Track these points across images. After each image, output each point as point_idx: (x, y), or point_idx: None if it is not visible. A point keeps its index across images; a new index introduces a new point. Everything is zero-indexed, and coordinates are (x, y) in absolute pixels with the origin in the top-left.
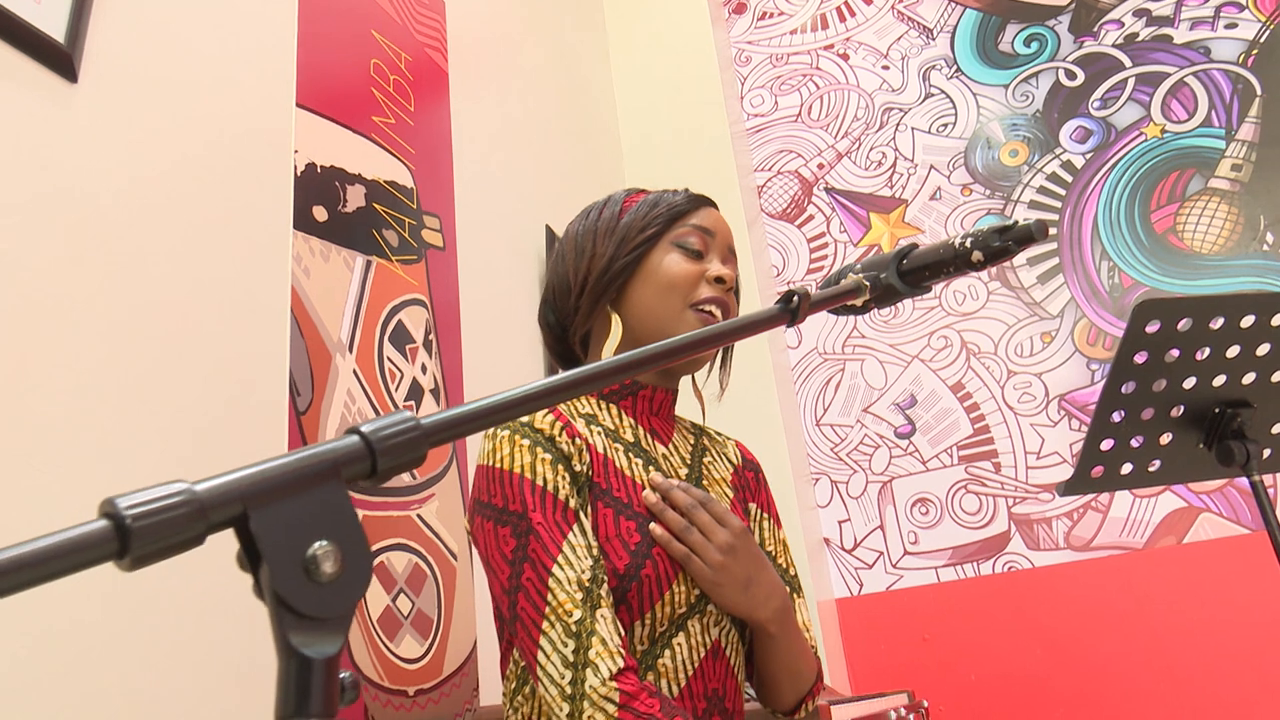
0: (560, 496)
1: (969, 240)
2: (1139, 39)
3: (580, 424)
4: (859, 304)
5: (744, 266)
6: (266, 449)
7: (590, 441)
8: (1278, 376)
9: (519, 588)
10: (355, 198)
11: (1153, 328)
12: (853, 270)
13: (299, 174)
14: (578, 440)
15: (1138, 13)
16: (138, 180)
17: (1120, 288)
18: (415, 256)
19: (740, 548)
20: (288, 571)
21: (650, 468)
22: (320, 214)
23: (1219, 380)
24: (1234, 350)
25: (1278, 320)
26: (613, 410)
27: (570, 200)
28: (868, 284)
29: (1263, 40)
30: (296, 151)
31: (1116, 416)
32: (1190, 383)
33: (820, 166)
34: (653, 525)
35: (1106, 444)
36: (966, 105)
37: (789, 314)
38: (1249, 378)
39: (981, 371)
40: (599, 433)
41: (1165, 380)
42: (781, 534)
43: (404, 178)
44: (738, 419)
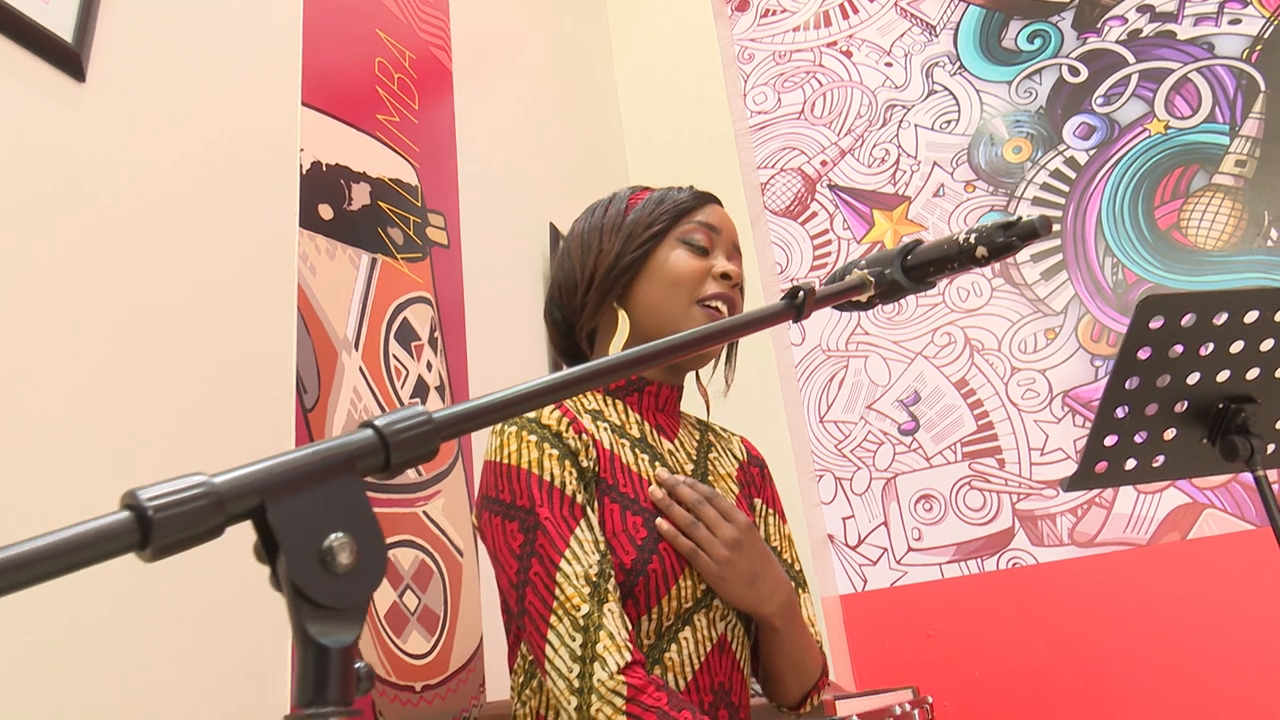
0: (567, 492)
1: (973, 236)
2: (1142, 35)
3: (587, 420)
4: (864, 300)
5: (747, 264)
6: (273, 446)
7: (597, 437)
8: None
9: (527, 582)
10: (360, 196)
11: (1156, 323)
12: (857, 266)
13: (304, 172)
14: (584, 436)
15: (1141, 8)
16: (145, 178)
17: (1124, 284)
18: (420, 254)
19: (746, 543)
20: (305, 562)
21: (656, 463)
22: (326, 212)
23: (1223, 375)
24: (1238, 346)
25: None
26: (619, 406)
27: (574, 198)
28: (872, 280)
29: (1267, 36)
30: (302, 150)
31: (1120, 412)
32: (1194, 378)
33: (823, 163)
34: (659, 520)
35: (1110, 439)
36: (970, 102)
37: (795, 309)
38: (1253, 373)
39: (985, 368)
40: (605, 428)
41: (1169, 376)
42: (786, 529)
43: (409, 176)
44: (742, 415)
